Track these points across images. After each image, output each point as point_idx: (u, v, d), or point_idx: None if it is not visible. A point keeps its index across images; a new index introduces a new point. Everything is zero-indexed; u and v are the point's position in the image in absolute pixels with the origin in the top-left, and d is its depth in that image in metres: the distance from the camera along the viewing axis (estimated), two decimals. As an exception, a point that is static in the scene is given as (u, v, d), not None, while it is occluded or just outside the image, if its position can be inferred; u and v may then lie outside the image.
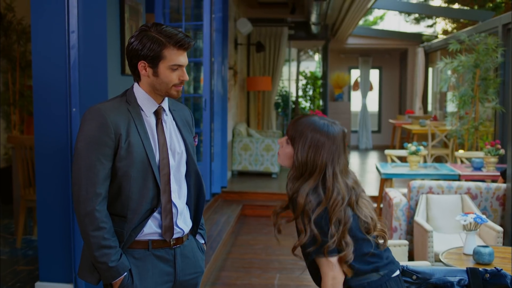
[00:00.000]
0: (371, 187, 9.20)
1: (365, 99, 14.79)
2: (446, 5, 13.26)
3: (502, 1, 11.71)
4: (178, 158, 2.40)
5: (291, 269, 5.51)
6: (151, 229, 2.31)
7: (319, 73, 15.76)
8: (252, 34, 11.21)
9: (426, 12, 12.67)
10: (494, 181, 6.40)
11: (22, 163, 5.27)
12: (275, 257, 5.91)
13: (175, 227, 2.35)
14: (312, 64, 17.45)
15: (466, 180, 6.28)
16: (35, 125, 3.91)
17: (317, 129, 2.19)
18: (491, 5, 11.97)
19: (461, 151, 8.12)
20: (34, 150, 3.96)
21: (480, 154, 7.00)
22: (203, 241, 2.59)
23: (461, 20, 12.60)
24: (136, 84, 2.36)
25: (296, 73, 15.24)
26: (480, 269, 2.47)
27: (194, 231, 2.52)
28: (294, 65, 15.21)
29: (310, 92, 15.52)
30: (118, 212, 2.26)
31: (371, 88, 15.06)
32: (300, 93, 15.75)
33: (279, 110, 14.28)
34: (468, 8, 12.42)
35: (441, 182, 5.55)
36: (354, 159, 12.93)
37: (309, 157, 2.17)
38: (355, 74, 15.67)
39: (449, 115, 8.57)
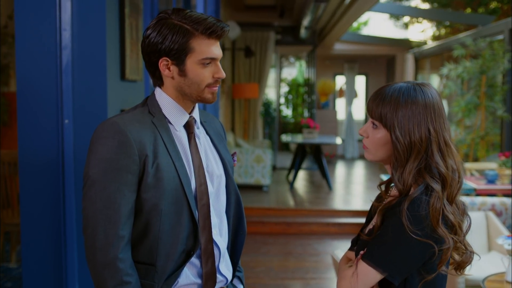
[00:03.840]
0: (358, 200, 8.71)
1: (350, 106, 14.27)
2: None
3: (497, 6, 11.40)
4: (217, 183, 1.85)
5: (301, 295, 5.01)
6: (187, 279, 1.77)
7: (300, 80, 15.33)
8: (237, 38, 10.67)
9: (421, 16, 12.26)
10: (506, 195, 5.98)
11: (-1, 181, 4.67)
12: (280, 282, 5.39)
13: (217, 274, 1.82)
14: (294, 71, 17.01)
15: (477, 195, 5.86)
16: (19, 139, 3.32)
17: (412, 97, 1.64)
18: (482, 10, 11.66)
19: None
20: (18, 168, 3.38)
21: (493, 165, 6.58)
22: (241, 287, 2.07)
23: (449, 24, 12.28)
24: (158, 89, 1.80)
25: (278, 79, 14.77)
26: None
27: (232, 274, 1.98)
28: (276, 71, 14.75)
29: (292, 100, 15.08)
30: (144, 259, 1.72)
31: (356, 95, 14.51)
32: (282, 100, 15.28)
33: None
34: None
35: (463, 198, 5.09)
36: (341, 169, 12.48)
37: (412, 134, 1.62)
38: (340, 81, 15.22)
39: (453, 123, 8.16)
